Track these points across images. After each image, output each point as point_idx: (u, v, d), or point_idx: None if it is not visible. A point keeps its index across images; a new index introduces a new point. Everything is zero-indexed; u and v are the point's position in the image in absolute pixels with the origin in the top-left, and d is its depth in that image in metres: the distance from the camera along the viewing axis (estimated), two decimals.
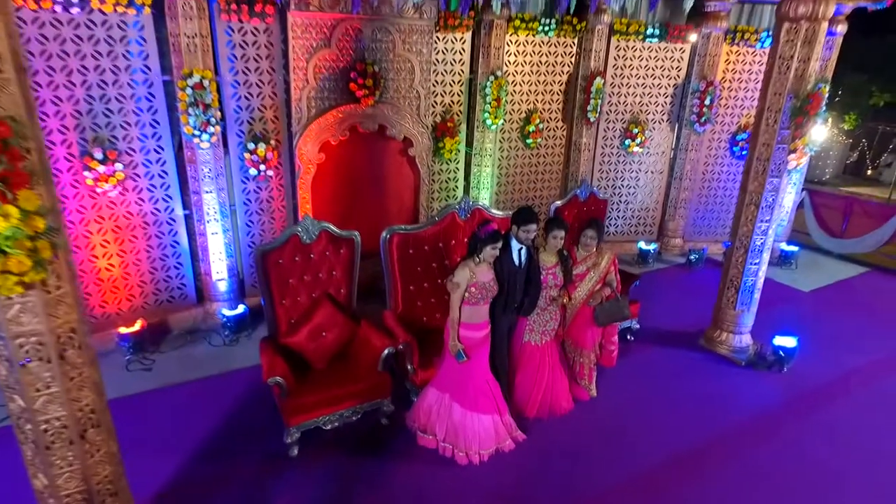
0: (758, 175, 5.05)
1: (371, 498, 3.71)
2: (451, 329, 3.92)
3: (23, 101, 2.06)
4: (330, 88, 5.58)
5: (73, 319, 2.38)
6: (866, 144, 17.66)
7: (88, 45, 4.56)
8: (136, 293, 5.38)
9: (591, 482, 3.90)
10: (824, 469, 4.10)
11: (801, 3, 4.51)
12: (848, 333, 6.19)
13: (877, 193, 15.02)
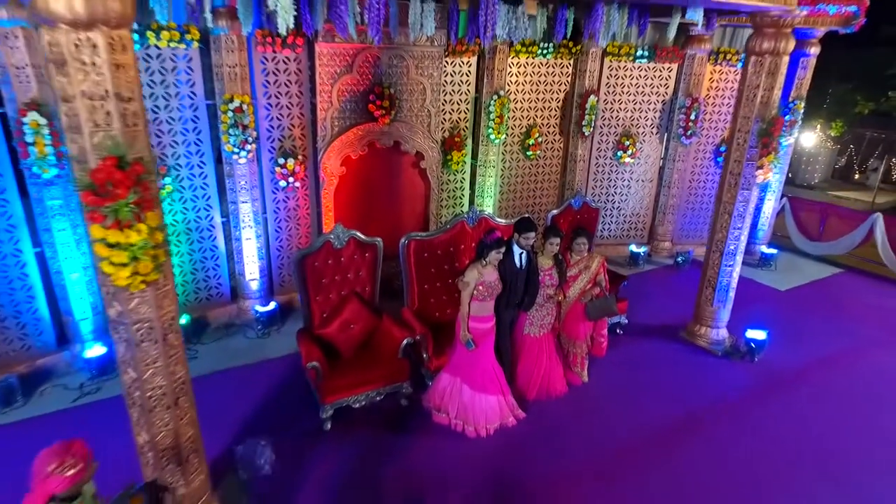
0: (730, 188, 5.72)
1: (394, 465, 4.38)
2: (462, 321, 4.59)
3: (146, 143, 2.73)
4: (351, 109, 6.26)
5: (173, 310, 3.06)
6: (854, 150, 18.37)
7: (145, 75, 5.24)
8: (180, 289, 6.06)
9: (581, 453, 4.57)
10: (782, 445, 4.76)
11: (765, 40, 5.18)
12: (816, 328, 6.86)
13: (862, 197, 15.75)
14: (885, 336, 6.75)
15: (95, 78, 2.45)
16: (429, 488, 4.17)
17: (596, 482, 4.28)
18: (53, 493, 2.21)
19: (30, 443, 4.39)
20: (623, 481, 4.30)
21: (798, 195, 14.38)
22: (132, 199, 2.57)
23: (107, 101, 2.50)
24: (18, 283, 5.07)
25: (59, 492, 2.21)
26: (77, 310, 5.32)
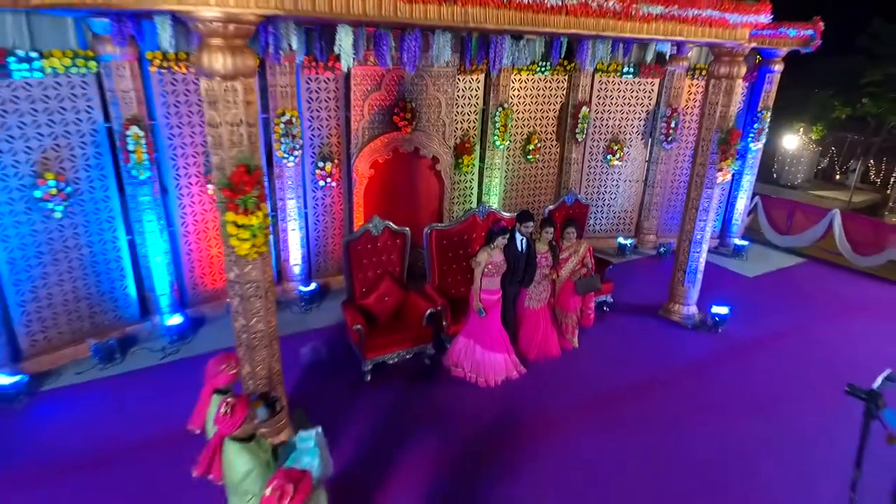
0: (697, 187, 6.87)
1: (421, 407, 5.54)
2: (475, 294, 5.76)
3: (259, 155, 3.89)
4: (379, 120, 7.42)
5: (270, 274, 4.23)
6: (835, 152, 19.50)
7: None
8: None
9: (570, 400, 5.73)
10: (739, 396, 5.91)
11: (721, 66, 6.34)
12: (775, 308, 8.01)
13: (841, 196, 16.87)
14: (833, 314, 7.89)
15: (235, 111, 3.62)
16: (449, 424, 5.33)
17: (580, 420, 5.44)
18: (217, 386, 3.37)
19: (133, 391, 5.63)
20: (601, 419, 5.46)
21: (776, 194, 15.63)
22: (255, 194, 3.75)
23: (240, 127, 3.67)
24: (114, 264, 6.25)
25: (222, 384, 3.37)
26: (158, 287, 6.50)
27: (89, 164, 5.78)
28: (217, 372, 3.37)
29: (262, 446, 3.12)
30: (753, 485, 4.70)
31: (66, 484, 4.49)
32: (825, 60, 16.22)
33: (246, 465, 2.93)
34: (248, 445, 2.99)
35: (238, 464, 2.93)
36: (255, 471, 2.94)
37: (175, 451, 4.80)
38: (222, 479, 3.06)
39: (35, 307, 5.72)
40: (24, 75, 5.11)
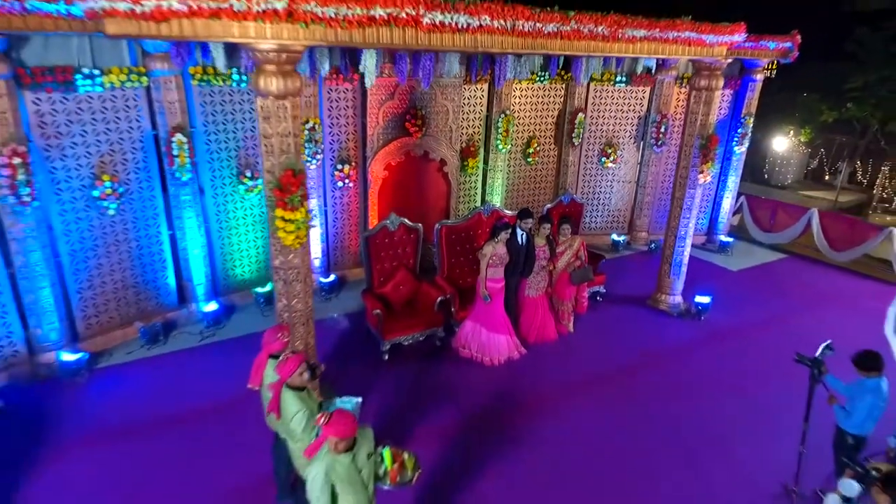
0: (681, 187, 7.60)
1: (433, 383, 6.26)
2: (481, 282, 6.48)
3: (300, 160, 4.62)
4: (392, 127, 8.15)
5: (308, 260, 4.95)
6: (824, 153, 20.22)
7: (247, 105, 7.14)
8: (263, 265, 7.95)
9: (564, 379, 6.46)
10: (717, 375, 6.63)
11: (701, 79, 7.08)
12: (755, 298, 8.73)
13: (828, 196, 17.59)
14: (808, 304, 8.61)
15: (284, 124, 4.35)
16: (458, 397, 6.05)
17: (574, 396, 6.17)
18: (272, 352, 4.09)
19: (177, 369, 6.35)
20: (593, 395, 6.19)
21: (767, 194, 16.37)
22: (299, 193, 4.48)
23: (289, 137, 4.40)
24: (157, 256, 6.98)
25: (275, 350, 4.08)
26: (195, 277, 7.22)
27: (138, 167, 6.51)
28: (272, 340, 4.09)
29: (311, 397, 3.84)
30: (726, 446, 5.43)
31: (125, 445, 5.22)
32: (813, 66, 16.96)
33: (295, 406, 3.67)
34: (300, 393, 3.72)
35: (290, 404, 3.67)
36: (302, 412, 3.67)
37: (218, 421, 5.59)
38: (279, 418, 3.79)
39: (91, 294, 6.45)
40: (87, 90, 5.84)
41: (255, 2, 3.79)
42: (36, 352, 6.10)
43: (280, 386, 3.69)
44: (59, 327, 6.12)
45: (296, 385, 3.72)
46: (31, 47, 5.46)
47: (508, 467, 5.09)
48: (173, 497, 4.67)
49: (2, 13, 4.84)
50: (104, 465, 4.98)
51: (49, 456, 5.02)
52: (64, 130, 5.84)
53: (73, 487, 4.72)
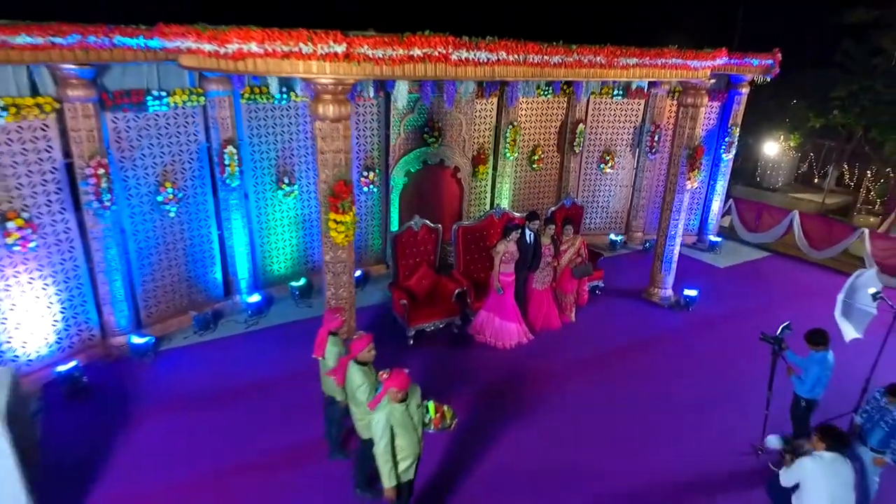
0: (671, 192, 8.52)
1: (453, 366, 7.17)
2: (495, 276, 7.39)
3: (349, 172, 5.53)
4: (412, 137, 9.07)
5: (353, 256, 5.87)
6: (814, 157, 21.15)
7: (286, 119, 8.06)
8: (297, 261, 8.87)
9: (566, 359, 7.38)
10: (700, 358, 7.55)
11: (688, 97, 8.00)
12: (739, 292, 9.65)
13: (815, 199, 18.50)
14: (787, 298, 9.52)
15: (338, 143, 5.27)
16: (475, 377, 6.96)
17: (575, 375, 7.09)
18: (331, 329, 5.00)
19: (227, 352, 7.26)
20: (592, 374, 7.12)
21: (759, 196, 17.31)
22: (349, 200, 5.40)
23: (341, 154, 5.32)
24: (207, 253, 7.90)
25: (334, 328, 4.99)
26: (240, 271, 8.14)
27: (194, 174, 7.43)
28: (332, 319, 5.00)
29: (372, 372, 4.73)
30: (706, 413, 6.35)
31: (190, 414, 6.14)
32: (803, 74, 17.91)
33: (360, 379, 4.56)
34: (364, 368, 4.61)
35: (355, 377, 4.56)
36: (365, 385, 4.56)
37: (267, 395, 6.52)
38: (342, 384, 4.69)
39: (152, 286, 7.37)
40: (155, 109, 6.76)
41: (320, 46, 4.72)
42: (108, 336, 7.01)
43: (349, 359, 4.58)
44: (127, 314, 7.03)
45: (363, 360, 4.60)
46: (112, 74, 6.38)
47: (518, 433, 6.00)
48: (235, 456, 5.56)
49: (94, 48, 5.77)
50: (174, 430, 5.89)
51: (129, 423, 5.94)
52: (135, 144, 6.76)
53: (151, 448, 5.63)
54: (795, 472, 4.05)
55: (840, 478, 3.89)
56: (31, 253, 6.12)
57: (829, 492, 3.87)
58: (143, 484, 5.17)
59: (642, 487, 5.34)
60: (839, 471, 3.90)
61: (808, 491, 3.99)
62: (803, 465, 3.99)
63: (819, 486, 3.90)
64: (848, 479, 3.92)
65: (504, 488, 5.27)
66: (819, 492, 3.90)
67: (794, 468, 4.05)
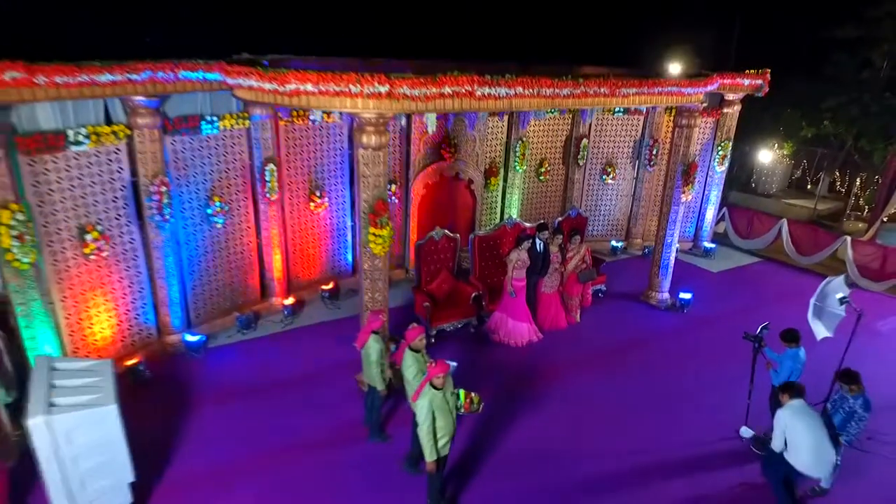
0: (667, 204, 9.35)
1: (470, 362, 7.99)
2: (508, 281, 8.22)
3: (386, 192, 6.36)
4: (430, 153, 9.90)
5: (387, 263, 6.69)
6: (807, 164, 21.97)
7: (318, 139, 8.90)
8: (326, 267, 9.71)
9: (572, 355, 8.22)
10: (693, 353, 8.39)
11: (682, 118, 8.83)
12: (730, 295, 10.49)
13: (808, 204, 19.32)
14: (774, 300, 10.35)
15: (378, 168, 6.11)
16: (491, 370, 7.79)
17: (580, 369, 7.93)
18: (374, 329, 5.83)
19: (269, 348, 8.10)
20: (595, 368, 7.95)
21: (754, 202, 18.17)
22: (386, 216, 6.24)
23: (381, 177, 6.16)
24: (248, 260, 8.73)
25: (376, 327, 5.83)
26: (276, 276, 8.97)
27: (239, 189, 8.27)
28: (375, 320, 5.84)
29: (424, 358, 5.56)
30: (696, 402, 7.18)
31: (242, 402, 6.97)
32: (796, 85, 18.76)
33: (413, 364, 5.39)
34: (416, 354, 5.45)
35: (409, 363, 5.40)
36: (416, 367, 5.40)
37: (309, 386, 7.34)
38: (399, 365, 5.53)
39: (200, 290, 8.20)
40: (207, 132, 7.60)
41: (366, 87, 5.56)
42: (164, 334, 7.85)
43: (405, 346, 5.42)
44: (180, 315, 7.87)
45: (416, 347, 5.44)
46: (172, 102, 7.20)
47: (530, 419, 6.84)
48: (284, 437, 6.38)
49: (161, 82, 6.62)
50: (229, 416, 6.71)
51: (190, 410, 6.77)
52: (189, 163, 7.59)
53: (210, 431, 6.45)
54: (778, 429, 5.03)
55: (810, 416, 4.94)
56: (104, 261, 6.95)
57: (806, 427, 4.89)
58: (208, 460, 6.00)
59: (641, 465, 6.17)
60: (807, 411, 4.96)
61: (792, 436, 4.97)
62: (780, 417, 5.01)
63: (797, 427, 4.91)
64: (816, 416, 4.99)
65: (518, 464, 6.10)
66: (799, 431, 4.91)
67: (775, 428, 5.05)
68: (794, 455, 5.01)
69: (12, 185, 5.76)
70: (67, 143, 6.27)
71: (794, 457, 5.00)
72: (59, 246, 6.51)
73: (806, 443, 4.90)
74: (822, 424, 4.98)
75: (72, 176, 6.46)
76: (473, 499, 5.66)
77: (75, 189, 6.52)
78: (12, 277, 5.94)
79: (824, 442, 4.92)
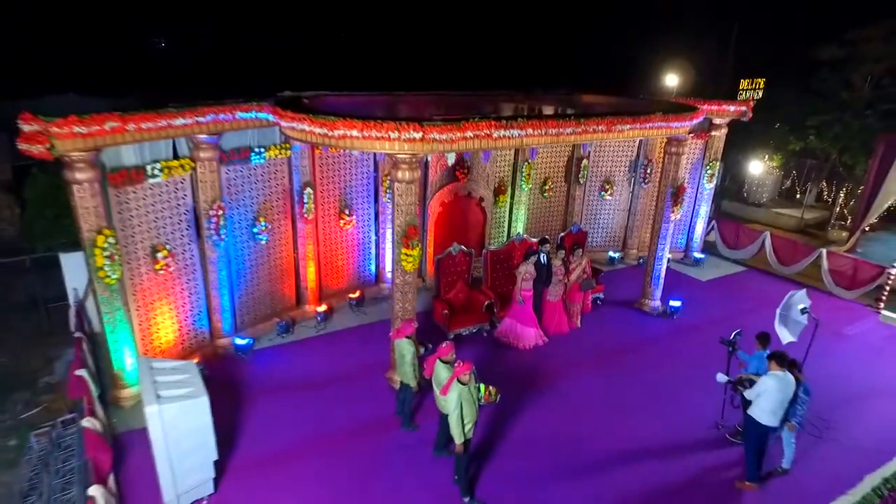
0: (658, 222, 10.46)
1: (483, 363, 9.10)
2: (517, 291, 9.33)
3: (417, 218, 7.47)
4: (446, 175, 11.01)
5: (416, 278, 7.80)
6: (796, 175, 23.09)
7: (348, 165, 10.01)
8: (353, 277, 10.81)
9: (573, 357, 9.33)
10: (681, 355, 9.50)
11: (672, 147, 9.94)
12: (717, 302, 11.59)
13: (796, 214, 20.41)
14: (757, 307, 11.44)
15: (410, 198, 7.22)
16: (502, 370, 8.89)
17: (580, 369, 9.04)
18: (406, 334, 6.94)
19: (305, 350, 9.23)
20: (593, 368, 9.06)
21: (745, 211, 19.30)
22: (417, 239, 7.35)
23: (412, 206, 7.27)
24: (286, 272, 9.84)
25: (408, 333, 6.94)
26: (310, 285, 10.08)
27: (280, 210, 9.39)
28: (407, 326, 6.95)
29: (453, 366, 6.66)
30: (682, 397, 8.29)
31: (288, 395, 8.07)
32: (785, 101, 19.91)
33: (444, 372, 6.46)
34: (447, 365, 6.52)
35: (441, 372, 6.46)
36: (447, 373, 6.47)
37: (344, 384, 8.40)
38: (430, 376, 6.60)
39: (245, 298, 9.31)
40: (255, 161, 8.72)
41: (403, 133, 6.67)
42: (215, 338, 8.96)
43: (436, 358, 6.47)
44: (230, 321, 8.98)
45: (447, 360, 6.49)
46: (227, 137, 8.31)
47: (537, 412, 7.94)
48: (328, 426, 7.48)
49: (222, 122, 7.74)
50: (279, 408, 7.81)
51: (245, 403, 7.88)
52: (240, 189, 8.71)
53: (265, 421, 7.55)
54: (759, 387, 6.29)
55: (787, 387, 6.22)
56: (169, 275, 8.06)
57: (779, 395, 6.18)
58: (267, 444, 7.10)
59: (630, 449, 7.27)
60: (788, 381, 6.24)
61: (765, 397, 6.26)
62: (766, 381, 6.25)
63: (773, 393, 6.19)
64: (791, 388, 6.28)
65: (527, 447, 7.21)
66: (773, 396, 6.21)
67: (759, 385, 6.32)
68: (758, 407, 6.35)
69: (105, 214, 6.87)
70: (146, 176, 7.38)
71: (759, 409, 6.34)
72: (136, 263, 7.63)
73: (770, 406, 6.24)
74: (790, 396, 6.29)
75: (147, 204, 7.58)
76: (491, 475, 6.77)
77: (150, 214, 7.64)
78: (102, 290, 7.05)
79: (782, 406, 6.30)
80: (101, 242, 6.78)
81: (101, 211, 6.80)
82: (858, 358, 9.63)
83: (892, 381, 8.93)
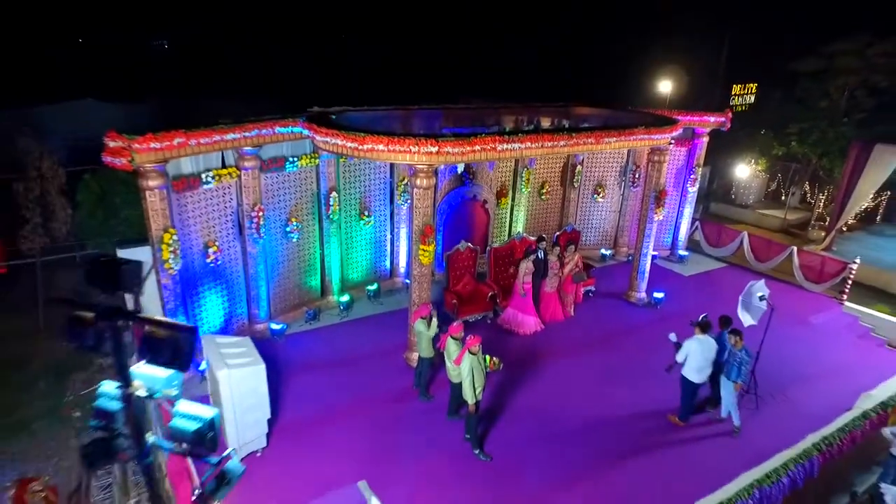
0: (643, 222, 11.74)
1: (488, 347, 10.35)
2: (519, 284, 10.60)
3: (433, 218, 8.74)
4: (454, 180, 12.28)
5: (430, 271, 9.07)
6: (781, 178, 24.37)
7: (368, 170, 11.28)
8: (370, 271, 12.08)
9: (567, 343, 10.60)
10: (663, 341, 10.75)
11: (654, 155, 11.22)
12: (696, 294, 12.87)
13: (779, 214, 21.67)
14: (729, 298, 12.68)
15: (427, 202, 8.50)
16: (504, 353, 10.13)
17: (573, 352, 10.32)
18: (422, 315, 8.21)
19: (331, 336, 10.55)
20: (585, 351, 10.34)
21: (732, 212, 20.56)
22: (432, 237, 8.63)
23: (428, 209, 8.55)
24: (313, 266, 11.11)
25: (424, 314, 8.21)
26: (334, 278, 11.36)
27: (308, 211, 10.66)
28: (424, 308, 8.22)
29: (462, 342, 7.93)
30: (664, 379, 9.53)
31: (320, 374, 9.34)
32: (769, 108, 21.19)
33: (453, 346, 7.73)
34: (457, 342, 7.77)
35: (452, 347, 7.72)
36: (458, 348, 7.74)
37: (367, 362, 9.66)
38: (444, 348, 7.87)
39: (278, 289, 10.58)
40: (289, 170, 9.99)
41: (422, 148, 7.94)
42: (252, 323, 10.23)
43: (448, 336, 7.74)
44: (266, 309, 10.25)
45: (457, 338, 7.76)
46: (266, 148, 9.57)
47: (534, 386, 9.23)
48: (357, 396, 8.75)
49: (263, 136, 9.02)
50: (312, 383, 9.07)
51: (282, 380, 9.14)
52: (275, 193, 9.98)
53: (301, 394, 8.81)
54: (685, 350, 7.87)
55: (708, 348, 7.82)
56: (217, 268, 9.33)
57: (702, 355, 7.74)
58: (307, 410, 8.37)
59: (614, 416, 8.57)
60: (709, 344, 7.83)
61: (691, 357, 7.85)
62: (689, 344, 7.85)
63: (697, 353, 7.76)
64: (712, 349, 7.85)
65: (526, 415, 8.50)
66: (697, 356, 7.77)
67: (684, 348, 7.92)
68: (687, 366, 7.92)
69: (170, 215, 8.14)
70: (201, 183, 8.66)
71: (688, 368, 7.92)
72: (192, 257, 8.90)
73: (696, 364, 7.84)
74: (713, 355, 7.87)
75: (201, 206, 8.85)
76: (495, 436, 8.06)
77: (203, 216, 8.91)
78: (165, 279, 8.32)
79: (707, 364, 7.88)
80: (168, 239, 8.04)
81: (167, 213, 8.06)
82: (817, 342, 10.93)
83: (842, 361, 10.23)
